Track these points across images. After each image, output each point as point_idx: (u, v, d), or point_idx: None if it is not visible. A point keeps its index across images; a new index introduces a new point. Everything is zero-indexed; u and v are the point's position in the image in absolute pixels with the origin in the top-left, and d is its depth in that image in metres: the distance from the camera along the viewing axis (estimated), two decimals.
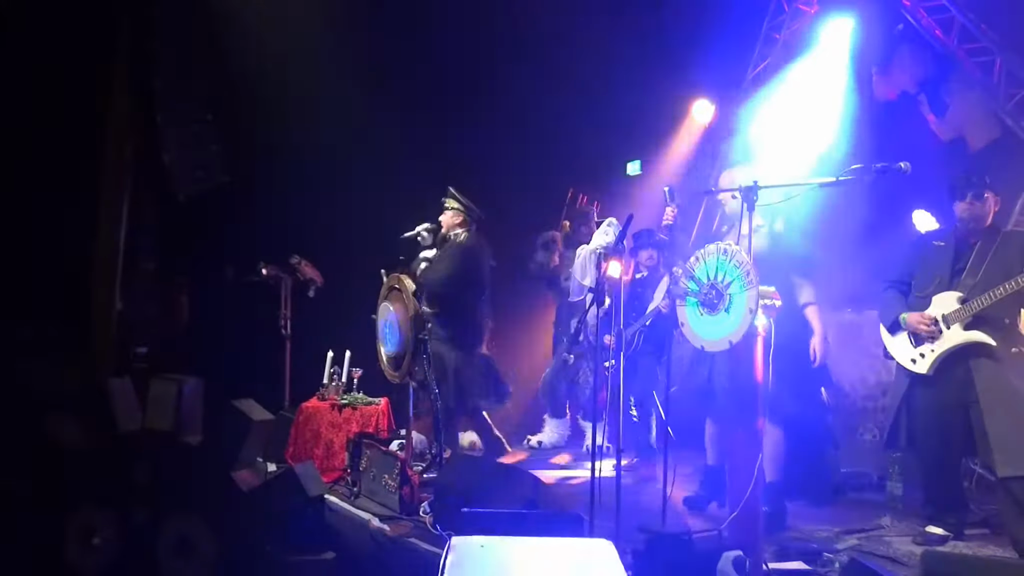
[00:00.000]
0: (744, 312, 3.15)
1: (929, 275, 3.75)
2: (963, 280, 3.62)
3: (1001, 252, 3.57)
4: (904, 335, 3.75)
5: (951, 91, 6.04)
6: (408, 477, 3.92)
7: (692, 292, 3.41)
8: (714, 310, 3.33)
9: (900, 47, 6.26)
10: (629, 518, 3.82)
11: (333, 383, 5.22)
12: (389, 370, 5.05)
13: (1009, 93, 5.51)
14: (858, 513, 4.27)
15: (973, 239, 3.68)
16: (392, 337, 4.90)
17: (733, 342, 3.17)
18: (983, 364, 3.51)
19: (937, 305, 3.65)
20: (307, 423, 5.05)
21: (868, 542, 3.67)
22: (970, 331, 3.53)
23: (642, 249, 5.61)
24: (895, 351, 3.81)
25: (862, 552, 3.41)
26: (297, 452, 4.94)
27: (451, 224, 5.11)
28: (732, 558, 2.57)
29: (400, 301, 4.83)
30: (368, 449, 4.33)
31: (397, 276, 4.90)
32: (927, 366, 3.65)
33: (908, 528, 3.91)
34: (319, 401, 5.16)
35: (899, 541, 3.71)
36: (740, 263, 3.23)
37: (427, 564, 3.21)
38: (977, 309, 3.51)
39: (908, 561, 3.33)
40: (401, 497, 3.88)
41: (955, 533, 3.71)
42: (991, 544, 3.69)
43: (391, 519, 3.75)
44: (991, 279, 3.50)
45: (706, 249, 3.49)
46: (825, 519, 4.09)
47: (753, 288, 3.13)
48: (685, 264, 3.58)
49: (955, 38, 5.71)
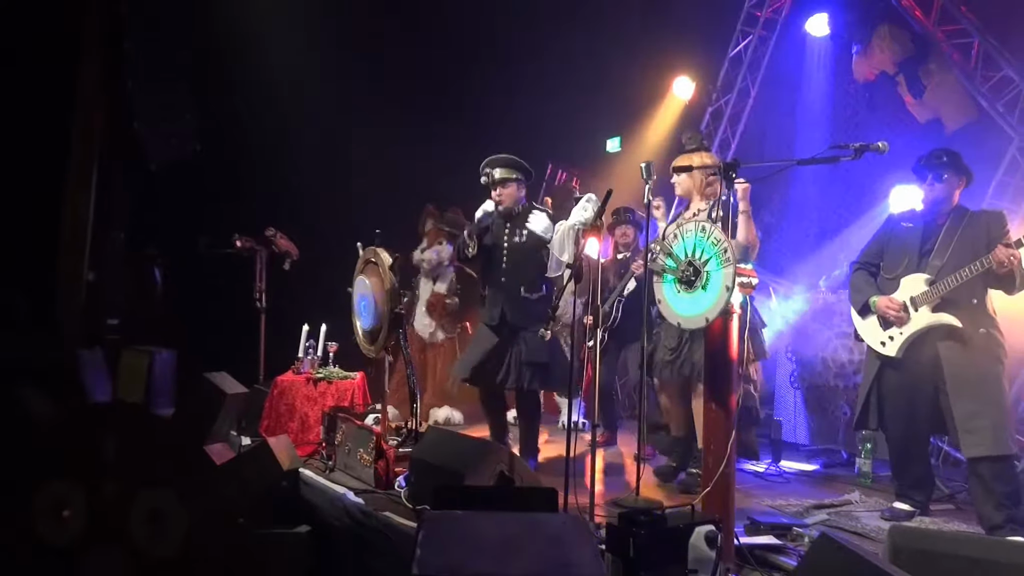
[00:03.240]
0: (721, 289, 3.15)
1: (898, 256, 3.76)
2: (931, 262, 3.64)
3: (967, 233, 3.59)
4: (874, 318, 3.77)
5: (929, 72, 6.08)
6: (383, 451, 3.92)
7: (670, 269, 3.41)
8: (691, 287, 3.34)
9: (880, 27, 6.28)
10: (602, 493, 3.87)
11: (308, 357, 5.19)
12: (365, 344, 5.02)
13: (986, 75, 5.55)
14: (828, 489, 4.36)
15: (940, 220, 3.69)
16: (368, 311, 4.86)
17: (709, 319, 3.18)
18: (951, 346, 3.55)
19: (905, 287, 3.68)
20: (282, 397, 5.03)
21: (837, 517, 3.73)
22: (938, 313, 3.57)
23: (617, 226, 5.61)
24: (865, 334, 3.84)
25: (831, 527, 3.47)
26: (272, 426, 4.92)
27: (516, 196, 4.46)
28: (704, 533, 2.59)
29: (376, 275, 4.79)
30: (343, 423, 4.32)
31: (373, 249, 4.85)
32: (896, 349, 3.68)
33: (876, 504, 3.99)
34: (294, 375, 5.13)
35: (867, 516, 3.77)
36: (717, 240, 3.23)
37: (402, 538, 3.22)
38: (944, 291, 3.53)
39: (876, 536, 3.38)
40: (376, 471, 3.87)
41: (921, 509, 3.78)
42: (956, 520, 3.77)
43: (366, 493, 3.74)
44: (958, 260, 3.53)
45: (684, 226, 3.49)
46: (794, 494, 4.16)
47: (730, 266, 3.13)
48: (664, 240, 3.58)
49: (934, 20, 5.74)
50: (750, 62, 7.63)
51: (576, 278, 3.53)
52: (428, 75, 7.55)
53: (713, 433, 3.18)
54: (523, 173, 4.48)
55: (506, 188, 4.40)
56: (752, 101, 7.64)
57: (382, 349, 4.78)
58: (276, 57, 6.81)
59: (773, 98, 7.49)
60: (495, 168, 4.41)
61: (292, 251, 5.94)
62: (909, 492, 3.81)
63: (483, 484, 3.19)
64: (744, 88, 7.68)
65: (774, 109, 7.43)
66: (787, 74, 7.28)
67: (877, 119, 6.47)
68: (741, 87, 7.69)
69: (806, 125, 6.84)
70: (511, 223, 4.44)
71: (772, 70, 7.52)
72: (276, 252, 5.91)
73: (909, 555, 2.35)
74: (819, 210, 7.13)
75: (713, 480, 3.07)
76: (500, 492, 3.05)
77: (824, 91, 6.91)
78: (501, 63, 7.47)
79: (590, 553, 1.77)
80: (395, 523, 3.34)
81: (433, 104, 7.48)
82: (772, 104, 7.49)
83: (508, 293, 4.36)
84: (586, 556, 1.74)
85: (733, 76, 7.75)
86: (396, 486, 3.80)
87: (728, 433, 3.10)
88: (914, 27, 5.96)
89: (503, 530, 1.84)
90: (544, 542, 1.81)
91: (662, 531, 2.54)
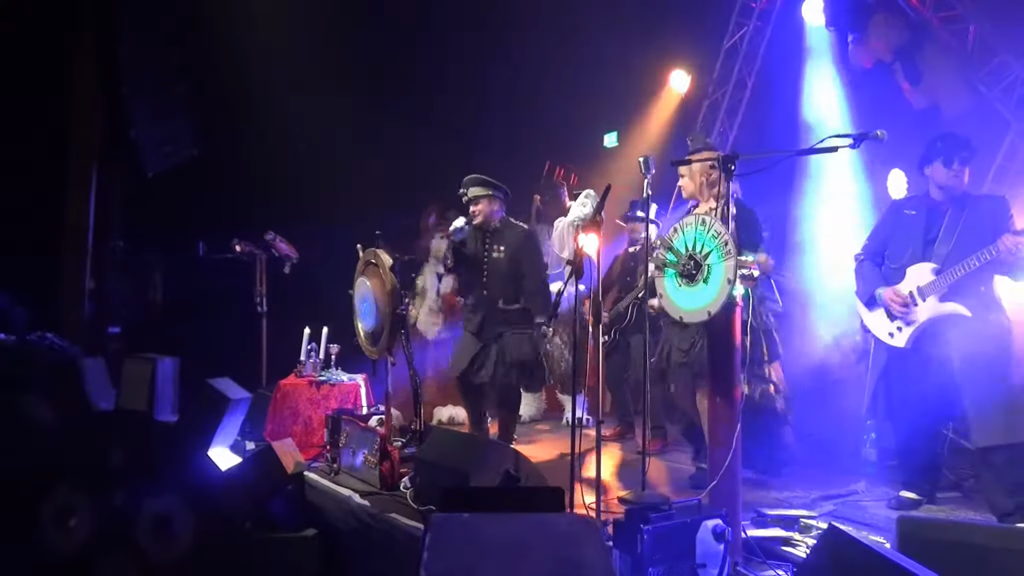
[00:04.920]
0: (722, 282, 3.14)
1: (902, 245, 3.75)
2: (936, 249, 3.62)
3: (972, 219, 3.57)
4: (881, 309, 3.76)
5: (925, 59, 6.05)
6: (388, 453, 3.91)
7: (670, 263, 3.40)
8: (692, 281, 3.33)
9: (875, 15, 6.25)
10: (611, 489, 3.86)
11: (310, 360, 5.18)
12: (367, 345, 5.01)
13: (983, 61, 5.54)
14: (833, 479, 4.34)
15: (944, 207, 3.67)
16: (369, 312, 4.85)
17: (711, 313, 3.17)
18: (960, 335, 3.52)
19: (911, 277, 3.66)
20: (285, 400, 5.01)
21: (844, 507, 3.72)
22: (946, 302, 3.55)
23: (632, 221, 5.60)
24: (872, 325, 3.82)
25: (838, 517, 3.46)
26: (275, 430, 4.91)
27: (490, 212, 4.80)
28: (712, 527, 2.59)
29: (377, 276, 4.77)
30: (347, 425, 4.31)
31: (374, 251, 4.84)
32: (904, 340, 3.67)
33: (882, 493, 3.98)
34: (297, 378, 5.12)
35: (874, 506, 3.76)
36: (718, 233, 3.22)
37: (408, 540, 3.21)
38: (952, 280, 3.52)
39: (884, 526, 3.38)
40: (381, 473, 3.87)
41: (928, 498, 3.77)
42: (963, 508, 3.76)
43: (371, 495, 3.74)
44: (965, 247, 3.51)
45: (684, 220, 3.48)
46: (801, 485, 4.15)
47: (731, 258, 3.12)
48: (664, 235, 3.57)
49: (930, 6, 5.72)
50: (746, 53, 7.60)
51: (576, 274, 3.52)
52: (427, 75, 7.54)
53: (719, 426, 3.17)
54: (497, 190, 4.80)
55: (478, 205, 4.76)
56: (749, 93, 7.62)
57: (384, 350, 4.76)
58: (275, 59, 6.80)
59: (770, 89, 7.46)
60: (470, 187, 4.79)
61: (291, 254, 5.93)
62: (916, 481, 3.80)
63: (489, 483, 3.18)
64: (741, 80, 7.66)
65: (771, 100, 7.40)
66: (783, 64, 7.25)
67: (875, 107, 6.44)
68: (738, 79, 7.67)
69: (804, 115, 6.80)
70: (491, 238, 4.80)
71: (768, 60, 7.50)
72: (276, 256, 5.90)
73: (918, 544, 2.35)
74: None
75: (719, 474, 3.06)
76: (507, 492, 3.04)
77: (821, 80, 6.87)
78: (499, 61, 7.46)
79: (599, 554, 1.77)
80: (401, 524, 3.34)
81: (431, 104, 7.47)
82: (769, 95, 7.46)
83: (489, 304, 4.72)
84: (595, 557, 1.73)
85: (729, 68, 7.72)
86: (401, 487, 3.80)
87: (733, 426, 3.09)
88: (909, 14, 5.94)
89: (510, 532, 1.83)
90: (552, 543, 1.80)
91: (670, 526, 2.54)
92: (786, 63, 7.11)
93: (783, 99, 7.01)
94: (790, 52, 7.05)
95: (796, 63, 6.87)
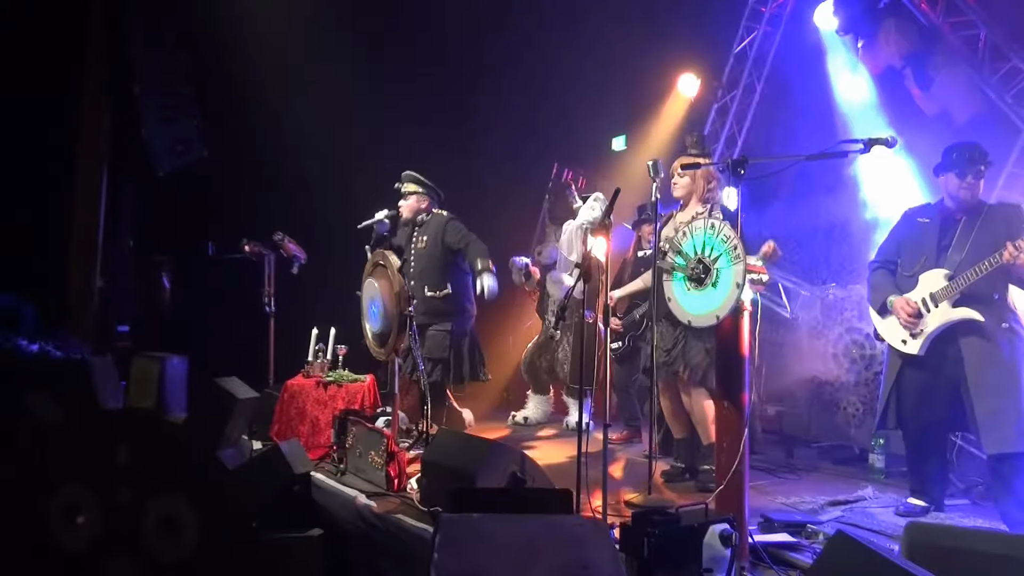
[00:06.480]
0: (731, 287, 3.14)
1: (915, 253, 3.73)
2: (949, 256, 3.60)
3: (987, 226, 3.55)
4: (894, 317, 3.74)
5: (936, 65, 6.03)
6: (394, 454, 3.91)
7: (679, 267, 3.40)
8: (701, 285, 3.32)
9: (885, 21, 6.23)
10: (616, 493, 3.86)
11: (318, 360, 5.19)
12: (374, 347, 5.02)
13: (994, 67, 5.51)
14: (840, 485, 4.33)
15: (959, 215, 3.66)
16: (377, 314, 4.86)
17: (720, 317, 3.17)
18: (972, 341, 3.51)
19: (924, 283, 3.64)
20: (292, 401, 5.03)
21: (851, 513, 3.71)
22: (958, 308, 3.53)
23: (644, 224, 5.60)
24: (886, 333, 3.80)
25: (846, 524, 3.45)
26: (282, 430, 4.92)
27: (417, 208, 5.21)
28: (719, 531, 2.58)
29: (385, 277, 4.79)
30: (354, 426, 4.31)
31: (382, 252, 4.86)
32: (918, 347, 3.64)
33: (890, 500, 3.96)
34: (304, 378, 5.13)
35: (881, 512, 3.75)
36: (727, 237, 3.21)
37: (414, 540, 3.21)
38: (964, 285, 3.50)
39: (892, 532, 3.36)
40: (387, 474, 3.87)
41: (936, 505, 3.75)
42: (972, 515, 3.74)
43: (378, 496, 3.74)
44: (978, 254, 3.48)
45: (693, 223, 3.47)
46: (808, 491, 4.14)
47: (740, 262, 3.12)
48: (672, 238, 3.57)
49: (940, 12, 5.70)
50: (755, 58, 7.58)
51: (584, 277, 3.52)
52: (434, 78, 7.55)
53: (726, 431, 3.17)
54: (430, 191, 5.22)
55: (407, 200, 5.19)
56: (758, 97, 7.60)
57: (392, 351, 4.78)
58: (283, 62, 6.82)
59: (779, 93, 7.44)
60: (405, 182, 5.20)
61: (300, 255, 5.94)
62: (924, 488, 3.78)
63: (495, 485, 3.18)
64: (750, 84, 7.64)
65: (780, 105, 7.39)
66: (793, 69, 7.24)
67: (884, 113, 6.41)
68: (747, 83, 7.65)
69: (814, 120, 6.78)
70: (417, 231, 5.17)
71: (777, 65, 7.48)
72: (284, 256, 5.91)
73: (927, 552, 2.33)
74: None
75: (727, 478, 3.06)
76: (514, 494, 3.03)
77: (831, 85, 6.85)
78: (507, 64, 7.46)
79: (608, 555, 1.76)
80: (407, 526, 3.34)
81: (438, 105, 7.48)
82: (778, 100, 7.44)
83: (417, 293, 4.94)
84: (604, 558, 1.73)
85: (738, 72, 7.70)
86: (408, 488, 3.80)
87: (741, 431, 3.08)
88: (920, 19, 5.92)
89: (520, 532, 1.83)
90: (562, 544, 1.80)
91: (676, 530, 2.53)
92: (795, 68, 7.09)
93: (793, 103, 7.00)
94: (799, 57, 7.03)
95: (806, 67, 6.85)
